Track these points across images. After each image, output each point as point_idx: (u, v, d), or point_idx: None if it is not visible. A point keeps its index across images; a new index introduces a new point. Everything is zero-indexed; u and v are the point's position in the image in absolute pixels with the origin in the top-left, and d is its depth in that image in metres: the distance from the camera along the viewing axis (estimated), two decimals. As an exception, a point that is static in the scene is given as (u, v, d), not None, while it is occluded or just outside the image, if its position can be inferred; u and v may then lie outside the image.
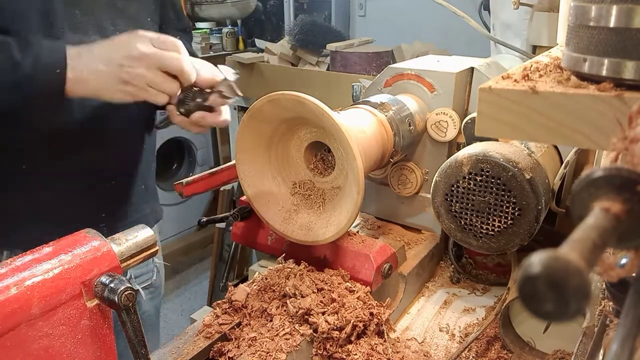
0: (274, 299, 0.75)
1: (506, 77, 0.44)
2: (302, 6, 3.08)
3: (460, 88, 0.91)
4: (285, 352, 0.66)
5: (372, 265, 0.76)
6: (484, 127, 0.43)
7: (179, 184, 0.88)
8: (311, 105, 0.69)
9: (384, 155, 0.84)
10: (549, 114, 0.40)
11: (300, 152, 0.83)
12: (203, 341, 0.70)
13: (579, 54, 0.41)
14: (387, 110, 0.85)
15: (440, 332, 0.84)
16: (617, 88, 0.38)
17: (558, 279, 0.20)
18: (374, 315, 0.72)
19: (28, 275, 0.47)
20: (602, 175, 0.25)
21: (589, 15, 0.39)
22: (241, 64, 2.46)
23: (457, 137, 0.91)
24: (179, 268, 3.03)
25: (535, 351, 0.79)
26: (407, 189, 0.97)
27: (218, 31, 3.02)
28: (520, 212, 0.73)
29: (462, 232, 0.79)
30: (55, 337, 0.49)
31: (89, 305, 0.52)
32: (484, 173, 0.74)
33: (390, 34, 2.78)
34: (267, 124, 0.78)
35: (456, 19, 1.10)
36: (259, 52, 2.67)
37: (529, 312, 0.21)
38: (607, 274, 0.26)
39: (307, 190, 0.82)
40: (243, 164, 0.80)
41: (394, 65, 0.97)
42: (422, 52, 2.13)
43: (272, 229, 0.81)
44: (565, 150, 0.87)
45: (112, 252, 0.54)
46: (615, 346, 0.26)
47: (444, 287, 0.96)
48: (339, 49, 2.21)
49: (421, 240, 0.97)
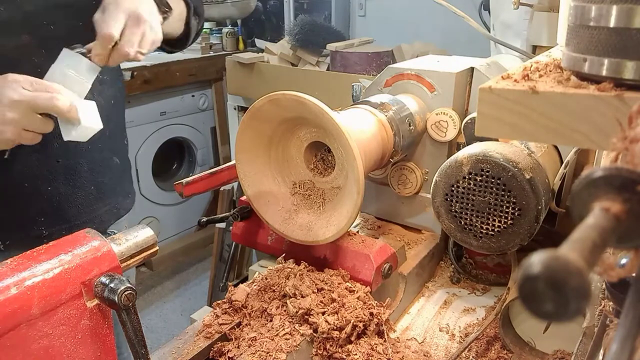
0: (274, 299, 0.75)
1: (506, 77, 0.44)
2: (302, 6, 3.08)
3: (460, 88, 0.91)
4: (285, 352, 0.66)
5: (372, 265, 0.76)
6: (484, 127, 0.43)
7: (179, 184, 0.88)
8: (311, 105, 0.69)
9: (384, 155, 0.84)
10: (549, 114, 0.40)
11: (300, 152, 0.83)
12: (203, 341, 0.70)
13: (579, 54, 0.41)
14: (387, 110, 0.85)
15: (440, 332, 0.84)
16: (617, 88, 0.38)
17: (558, 279, 0.20)
18: (374, 315, 0.72)
19: (28, 275, 0.47)
20: (602, 175, 0.25)
21: (589, 15, 0.39)
22: (241, 64, 2.46)
23: (457, 137, 0.91)
24: (179, 268, 3.03)
25: (535, 351, 0.79)
26: (407, 189, 0.97)
27: (218, 31, 3.02)
28: (520, 212, 0.73)
29: (462, 232, 0.79)
30: (55, 337, 0.49)
31: (89, 305, 0.52)
32: (484, 173, 0.74)
33: (390, 34, 2.78)
34: (267, 124, 0.78)
35: (456, 19, 1.10)
36: (259, 52, 2.67)
37: (529, 312, 0.21)
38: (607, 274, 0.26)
39: (307, 190, 0.82)
40: (243, 164, 0.80)
41: (394, 65, 0.97)
42: (422, 52, 2.13)
43: (272, 229, 0.81)
44: (565, 150, 0.87)
45: (112, 252, 0.54)
46: (615, 346, 0.26)
47: (444, 287, 0.96)
48: (339, 49, 2.21)
49: (421, 240, 0.97)
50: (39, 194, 0.96)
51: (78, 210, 1.02)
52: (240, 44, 3.04)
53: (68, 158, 0.98)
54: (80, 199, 1.02)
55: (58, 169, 0.97)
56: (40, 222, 0.97)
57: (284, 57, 2.42)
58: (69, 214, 1.01)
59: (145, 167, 2.71)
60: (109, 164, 1.08)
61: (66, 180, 0.99)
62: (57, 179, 0.98)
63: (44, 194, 0.97)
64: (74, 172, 1.00)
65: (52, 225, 0.98)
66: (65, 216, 1.00)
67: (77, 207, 1.02)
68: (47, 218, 0.98)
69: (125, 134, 1.17)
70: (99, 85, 0.97)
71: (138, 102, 2.57)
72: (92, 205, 1.05)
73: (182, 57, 2.79)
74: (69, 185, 1.00)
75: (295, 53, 2.38)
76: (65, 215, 1.00)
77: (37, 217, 0.97)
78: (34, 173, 0.95)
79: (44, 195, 0.97)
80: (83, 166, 1.01)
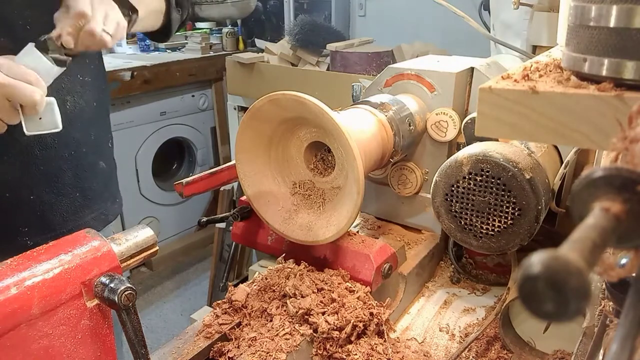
0: (274, 299, 0.75)
1: (506, 77, 0.44)
2: (302, 6, 3.08)
3: (460, 88, 0.91)
4: (285, 352, 0.66)
5: (372, 265, 0.76)
6: (484, 127, 0.43)
7: (179, 184, 0.88)
8: (311, 105, 0.69)
9: (384, 155, 0.84)
10: (549, 114, 0.40)
11: (300, 152, 0.83)
12: (203, 341, 0.70)
13: (579, 54, 0.41)
14: (387, 110, 0.85)
15: (440, 332, 0.84)
16: (617, 88, 0.38)
17: (558, 279, 0.20)
18: (374, 315, 0.72)
19: (28, 275, 0.47)
20: (602, 175, 0.25)
21: (589, 15, 0.39)
22: (241, 64, 2.46)
23: (457, 137, 0.91)
24: (179, 268, 3.03)
25: (535, 351, 0.79)
26: (407, 189, 0.97)
27: (218, 31, 3.02)
28: (520, 212, 0.73)
29: (462, 232, 0.79)
30: (55, 337, 0.50)
31: (89, 305, 0.52)
32: (484, 173, 0.74)
33: (390, 34, 2.78)
34: (267, 124, 0.78)
35: (456, 19, 1.10)
36: (259, 52, 2.67)
37: (529, 312, 0.21)
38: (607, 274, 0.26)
39: (307, 190, 0.82)
40: (243, 164, 0.80)
41: (394, 65, 0.97)
42: (422, 52, 2.13)
43: (272, 229, 0.81)
44: (565, 150, 0.87)
45: (112, 252, 0.54)
46: (615, 346, 0.26)
47: (444, 287, 0.96)
48: (339, 49, 2.21)
49: (421, 240, 0.97)
50: (22, 203, 0.93)
51: (63, 219, 0.99)
52: (240, 44, 3.04)
53: (50, 165, 0.95)
54: (65, 207, 0.99)
55: (40, 176, 0.94)
56: (24, 232, 0.94)
57: (284, 57, 2.42)
58: (54, 223, 0.98)
59: (145, 167, 2.71)
60: (95, 169, 1.04)
61: (49, 187, 0.96)
62: (39, 186, 0.94)
63: (27, 203, 0.93)
64: (57, 179, 0.96)
65: (36, 235, 0.95)
66: (50, 225, 0.97)
67: (62, 215, 0.99)
68: (31, 228, 0.95)
69: (111, 136, 1.13)
70: (80, 88, 0.95)
71: (138, 102, 2.57)
72: (78, 212, 1.01)
73: (182, 57, 2.79)
74: (52, 193, 0.96)
75: (295, 53, 2.38)
76: (50, 224, 0.97)
77: (20, 227, 0.94)
78: (15, 182, 0.91)
79: (27, 205, 0.93)
80: (66, 172, 0.97)
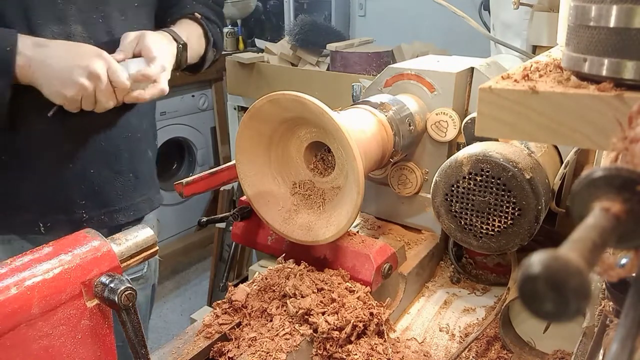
0: (274, 299, 0.75)
1: (506, 77, 0.44)
2: (302, 6, 3.08)
3: (460, 88, 0.91)
4: (285, 352, 0.66)
5: (372, 265, 0.76)
6: (484, 127, 0.43)
7: (179, 184, 0.88)
8: (311, 105, 0.69)
9: (384, 155, 0.84)
10: (549, 114, 0.40)
11: (300, 152, 0.83)
12: (203, 341, 0.70)
13: (579, 54, 0.41)
14: (387, 110, 0.85)
15: (440, 332, 0.84)
16: (617, 88, 0.38)
17: (558, 279, 0.20)
18: (374, 315, 0.72)
19: (28, 275, 0.47)
20: (602, 175, 0.25)
21: (589, 15, 0.39)
22: (241, 64, 2.46)
23: (457, 137, 0.91)
24: (179, 268, 3.03)
25: (535, 351, 0.79)
26: (407, 189, 0.97)
27: (218, 31, 3.02)
28: (520, 212, 0.73)
29: (462, 232, 0.79)
30: (55, 337, 0.49)
31: (89, 305, 0.52)
32: (484, 173, 0.74)
33: (390, 34, 2.78)
34: (267, 124, 0.78)
35: (456, 19, 1.10)
36: (259, 52, 2.67)
37: (529, 312, 0.21)
38: (607, 274, 0.26)
39: (307, 190, 0.82)
40: (243, 164, 0.80)
41: (394, 65, 0.97)
42: (422, 52, 2.13)
43: (272, 229, 0.81)
44: (565, 150, 0.87)
45: (112, 252, 0.54)
46: (615, 346, 0.26)
47: (444, 287, 0.96)
48: (339, 49, 2.21)
49: (421, 240, 0.97)
50: (83, 176, 1.01)
51: (117, 196, 1.07)
52: (240, 44, 3.04)
53: (111, 143, 1.04)
54: (120, 185, 1.07)
55: (102, 152, 1.03)
56: (81, 205, 1.01)
57: (284, 57, 2.42)
58: (109, 199, 1.06)
59: (145, 167, 2.71)
60: (145, 156, 1.14)
61: (109, 164, 1.04)
62: (100, 162, 1.03)
63: (87, 177, 1.01)
64: (115, 157, 1.05)
65: (92, 209, 1.03)
66: (105, 200, 1.05)
67: (117, 193, 1.07)
68: (88, 201, 1.02)
69: (156, 132, 1.23)
70: None
71: (138, 102, 2.57)
72: (130, 192, 1.09)
73: (182, 57, 2.78)
74: (111, 170, 1.05)
75: (295, 53, 2.38)
76: (106, 199, 1.05)
77: (79, 199, 1.01)
78: (81, 154, 1.00)
79: (88, 178, 1.01)
80: (123, 153, 1.06)
